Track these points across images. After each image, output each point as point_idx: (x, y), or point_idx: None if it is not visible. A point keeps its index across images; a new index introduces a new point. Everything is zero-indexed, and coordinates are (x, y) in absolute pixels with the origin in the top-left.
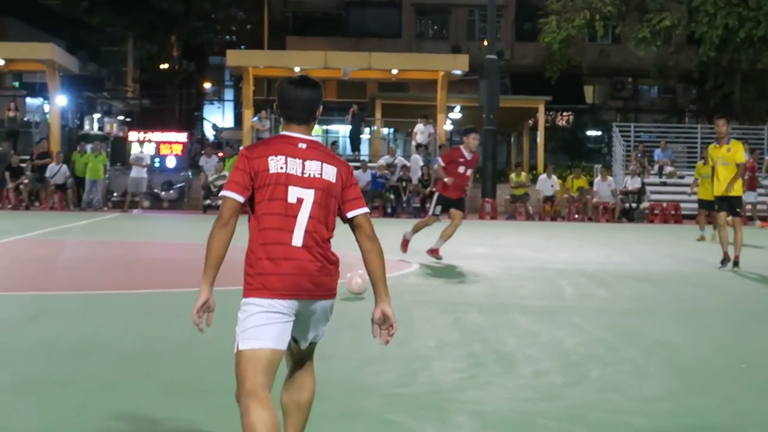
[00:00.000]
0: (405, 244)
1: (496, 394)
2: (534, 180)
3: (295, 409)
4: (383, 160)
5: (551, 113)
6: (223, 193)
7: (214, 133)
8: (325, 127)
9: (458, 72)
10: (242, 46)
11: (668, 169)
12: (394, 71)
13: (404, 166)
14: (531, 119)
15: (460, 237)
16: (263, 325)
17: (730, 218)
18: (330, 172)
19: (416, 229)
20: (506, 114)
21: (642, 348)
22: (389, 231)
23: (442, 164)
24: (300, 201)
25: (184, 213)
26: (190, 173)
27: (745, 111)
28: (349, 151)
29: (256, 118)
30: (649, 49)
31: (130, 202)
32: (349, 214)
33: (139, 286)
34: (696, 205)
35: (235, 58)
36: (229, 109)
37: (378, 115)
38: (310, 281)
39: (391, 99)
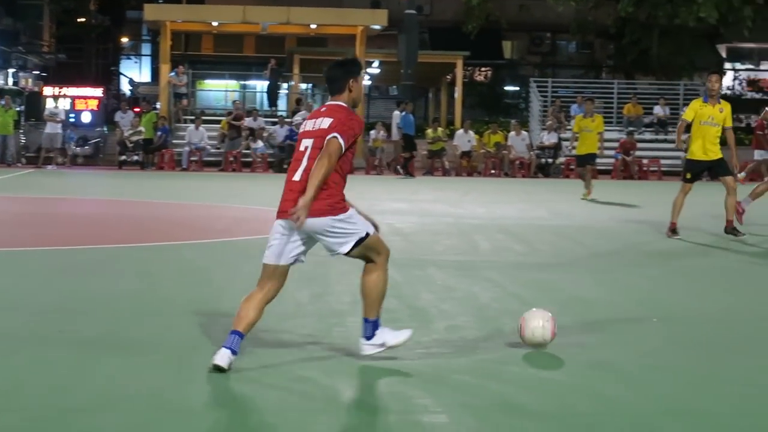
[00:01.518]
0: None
1: (410, 349)
2: (451, 135)
3: (362, 296)
4: (300, 116)
5: (469, 68)
6: None
7: (130, 88)
8: (243, 82)
9: (377, 27)
10: (160, 0)
11: None
12: (313, 26)
13: None
14: (449, 75)
15: (376, 192)
16: (270, 246)
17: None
18: (326, 123)
19: (756, 195)
20: (425, 69)
21: (557, 302)
22: None
23: None
24: (306, 148)
25: (100, 169)
26: (105, 129)
27: (662, 67)
28: (266, 106)
29: (173, 74)
30: (568, 4)
31: (44, 158)
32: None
33: (54, 243)
34: (609, 161)
35: (152, 12)
36: (146, 64)
37: (296, 70)
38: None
39: (310, 54)
